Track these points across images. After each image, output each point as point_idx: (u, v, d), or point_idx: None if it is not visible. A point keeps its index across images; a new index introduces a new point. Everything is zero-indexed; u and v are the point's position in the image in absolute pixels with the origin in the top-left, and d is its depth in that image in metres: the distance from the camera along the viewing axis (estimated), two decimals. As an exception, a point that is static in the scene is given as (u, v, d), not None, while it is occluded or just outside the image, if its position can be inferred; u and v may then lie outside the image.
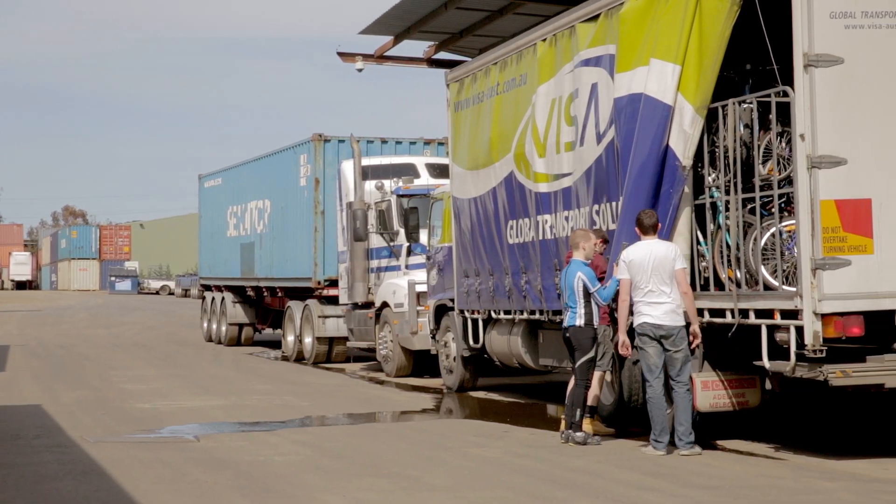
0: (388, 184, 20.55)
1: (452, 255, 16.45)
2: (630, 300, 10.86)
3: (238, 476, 9.96)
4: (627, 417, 12.30)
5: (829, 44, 9.88)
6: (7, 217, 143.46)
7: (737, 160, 10.63)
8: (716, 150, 10.98)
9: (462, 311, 16.19)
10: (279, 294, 26.07)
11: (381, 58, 20.08)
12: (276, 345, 27.63)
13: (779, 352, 10.15)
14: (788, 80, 10.08)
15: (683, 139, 10.88)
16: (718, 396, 11.17)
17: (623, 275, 10.91)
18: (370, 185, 20.78)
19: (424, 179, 20.92)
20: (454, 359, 17.07)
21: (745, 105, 10.76)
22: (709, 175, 11.09)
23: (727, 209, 10.82)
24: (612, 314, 11.67)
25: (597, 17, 12.42)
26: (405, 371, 19.95)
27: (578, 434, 11.29)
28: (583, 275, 11.28)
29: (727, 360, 11.13)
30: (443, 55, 19.59)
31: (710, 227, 11.06)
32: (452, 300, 16.59)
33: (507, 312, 14.79)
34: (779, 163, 10.49)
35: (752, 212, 10.64)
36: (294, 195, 24.64)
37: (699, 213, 11.16)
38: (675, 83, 10.90)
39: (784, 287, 10.22)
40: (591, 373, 11.60)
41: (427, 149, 24.29)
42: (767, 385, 11.28)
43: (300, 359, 23.93)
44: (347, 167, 21.71)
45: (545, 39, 13.59)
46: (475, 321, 15.95)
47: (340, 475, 9.93)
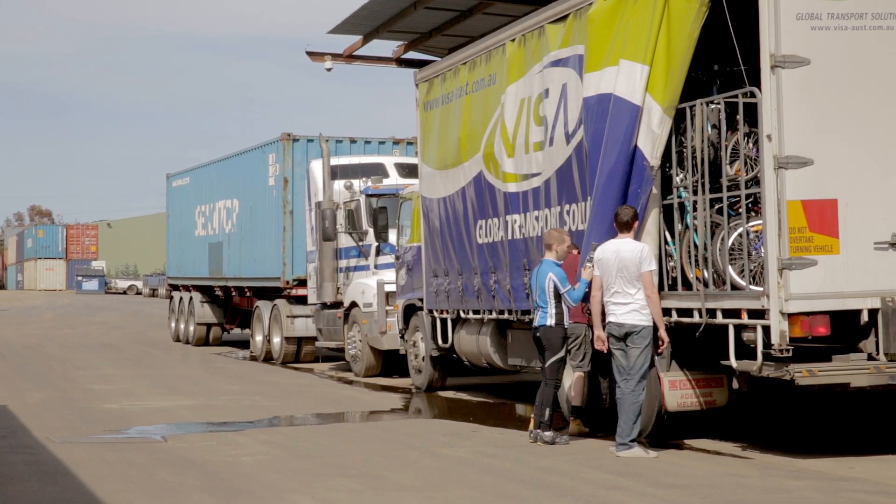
0: (357, 183, 20.53)
1: (421, 255, 16.45)
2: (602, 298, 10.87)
3: (206, 476, 9.92)
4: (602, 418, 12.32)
5: (796, 45, 9.94)
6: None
7: (704, 160, 10.68)
8: (684, 151, 11.02)
9: (431, 311, 16.19)
10: (247, 294, 25.99)
11: (350, 57, 20.06)
12: (245, 345, 27.54)
13: (746, 351, 10.20)
14: (756, 81, 10.14)
15: (652, 139, 10.91)
16: (686, 396, 11.21)
17: (595, 272, 10.96)
18: (339, 185, 20.74)
19: (393, 179, 20.91)
20: (423, 358, 17.07)
21: (713, 105, 10.81)
22: (677, 175, 11.13)
23: (695, 209, 10.86)
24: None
25: (566, 18, 12.45)
26: (374, 371, 19.93)
27: (547, 434, 11.31)
28: (554, 275, 11.30)
29: (695, 360, 11.18)
30: (412, 55, 19.58)
31: (678, 227, 11.10)
32: (421, 300, 16.59)
33: (476, 312, 14.80)
34: (746, 163, 10.55)
35: (720, 212, 10.69)
36: (263, 195, 24.58)
37: (667, 213, 11.20)
38: (644, 83, 10.94)
39: (751, 287, 10.27)
40: (561, 373, 11.62)
41: (396, 148, 24.28)
42: (735, 384, 11.34)
43: (269, 359, 23.86)
44: (316, 167, 21.67)
45: (514, 39, 13.61)
46: (444, 321, 15.95)
47: (309, 475, 9.91)
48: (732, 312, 10.31)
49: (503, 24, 14.63)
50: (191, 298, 28.96)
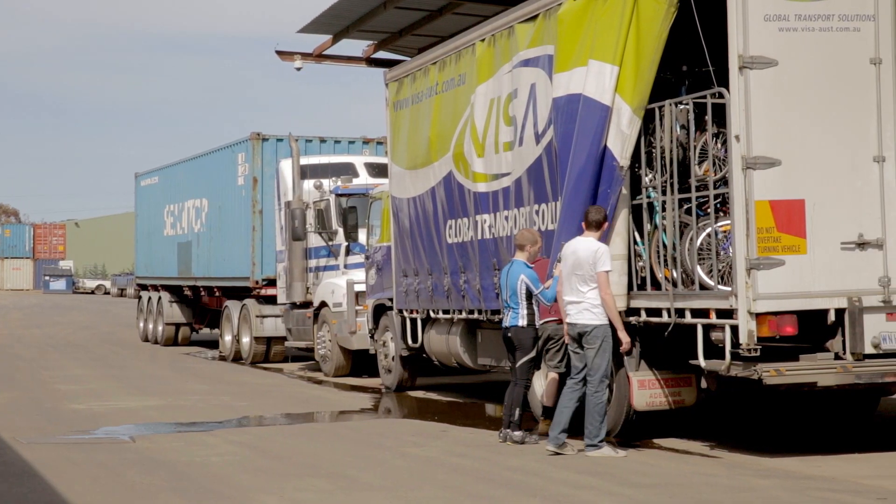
0: (327, 183, 20.49)
1: (391, 255, 16.44)
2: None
3: (174, 477, 9.88)
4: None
5: (764, 46, 9.99)
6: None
7: (673, 161, 10.72)
8: (653, 151, 11.06)
9: (401, 311, 16.18)
10: (217, 294, 25.90)
11: (320, 57, 20.04)
12: (214, 345, 27.44)
13: (714, 351, 10.25)
14: (724, 82, 10.18)
15: (621, 140, 10.94)
16: (655, 395, 11.25)
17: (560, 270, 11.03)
18: (309, 185, 20.71)
19: (363, 179, 20.90)
20: (393, 358, 17.06)
21: (682, 106, 10.85)
22: (646, 175, 11.17)
23: (664, 209, 10.90)
24: None
25: (535, 18, 12.47)
26: (344, 371, 19.90)
27: (516, 433, 11.33)
28: (525, 277, 11.31)
29: (664, 360, 11.22)
30: (382, 54, 19.58)
31: (647, 227, 11.14)
32: (391, 300, 16.58)
33: (446, 312, 14.80)
34: (714, 163, 10.60)
35: (689, 212, 10.73)
36: (232, 194, 24.50)
37: (636, 213, 11.23)
38: (613, 84, 10.96)
39: (719, 287, 10.32)
40: (532, 373, 11.64)
41: (366, 148, 24.26)
42: (703, 384, 11.40)
43: (238, 359, 23.79)
44: (286, 166, 21.62)
45: (484, 39, 13.62)
46: (414, 321, 15.94)
47: (278, 475, 9.88)
48: (701, 312, 10.35)
49: (473, 25, 14.64)
50: (159, 298, 28.83)
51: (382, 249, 17.35)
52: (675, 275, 10.72)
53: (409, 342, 16.11)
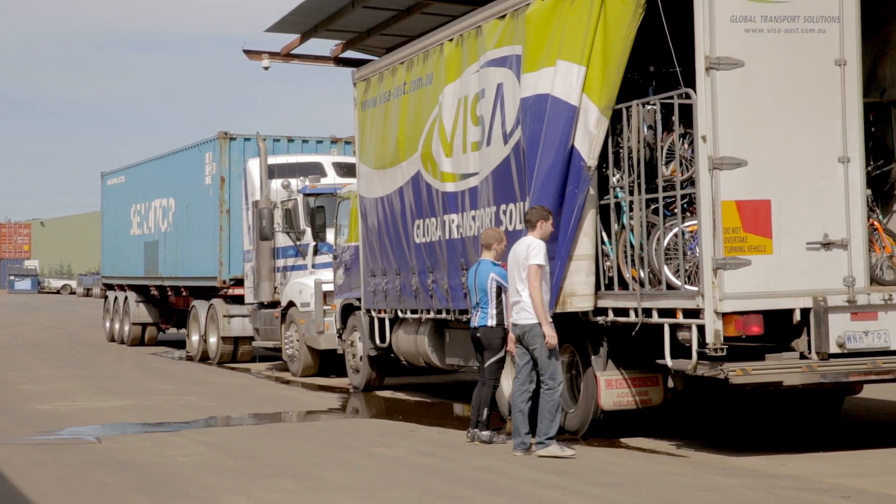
0: (295, 183, 20.45)
1: (359, 255, 16.42)
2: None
3: (141, 477, 9.83)
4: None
5: (730, 47, 10.05)
6: None
7: (640, 161, 10.76)
8: (620, 151, 11.10)
9: (369, 311, 16.16)
10: (184, 293, 25.79)
11: (288, 56, 19.97)
12: (181, 345, 27.33)
13: (681, 350, 10.30)
14: (691, 83, 10.23)
15: (589, 140, 10.97)
16: (622, 395, 11.30)
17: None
18: (276, 184, 20.67)
19: (331, 178, 20.87)
20: (361, 358, 17.04)
21: (649, 107, 10.89)
22: (613, 176, 11.21)
23: (631, 209, 10.95)
24: None
25: (503, 18, 12.48)
26: (311, 370, 19.87)
27: (484, 433, 11.34)
28: (496, 275, 11.32)
29: (631, 359, 11.27)
30: (350, 54, 19.54)
31: (615, 227, 11.18)
32: (359, 299, 16.56)
33: (414, 312, 14.80)
34: (681, 164, 10.65)
35: (656, 212, 10.78)
36: (199, 194, 24.41)
37: (604, 213, 11.27)
38: (581, 84, 10.99)
39: (686, 286, 10.36)
40: (500, 373, 11.66)
41: (334, 148, 24.23)
42: (670, 383, 11.45)
43: (205, 359, 23.70)
44: (253, 166, 21.56)
45: (452, 39, 13.62)
46: (382, 320, 15.93)
47: (245, 476, 9.85)
48: (668, 312, 10.40)
49: (441, 24, 14.64)
50: (126, 298, 28.69)
51: (350, 249, 17.33)
52: (643, 275, 10.77)
53: (377, 342, 16.10)
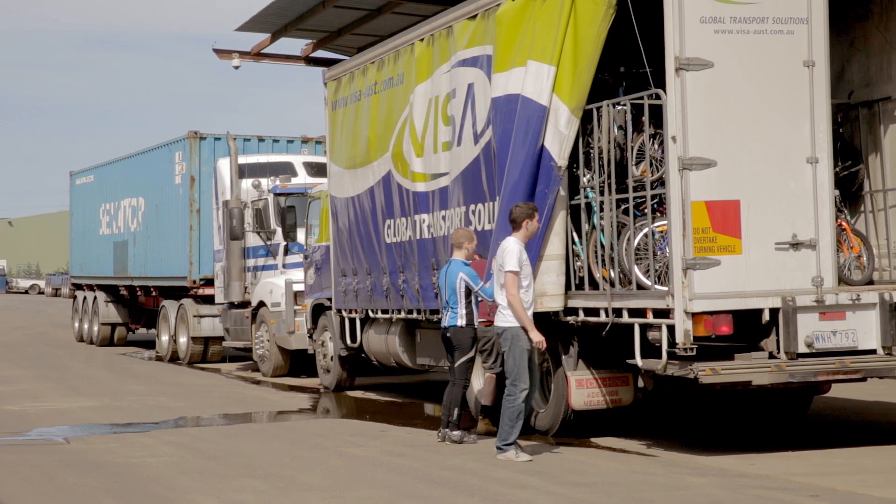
0: (266, 182, 20.40)
1: (330, 255, 16.39)
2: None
3: (109, 478, 9.78)
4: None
5: (700, 48, 10.09)
6: None
7: (611, 161, 10.79)
8: (590, 152, 11.13)
9: (340, 311, 16.14)
10: (153, 293, 25.68)
11: (259, 55, 19.93)
12: (150, 345, 27.20)
13: (651, 350, 10.33)
14: (661, 83, 10.27)
15: (559, 140, 10.99)
16: (592, 395, 11.33)
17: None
18: (247, 184, 20.61)
19: (302, 178, 20.83)
20: (331, 358, 17.01)
21: (619, 107, 10.93)
22: (584, 176, 11.24)
23: (601, 209, 10.98)
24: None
25: (474, 18, 12.49)
26: (282, 371, 19.82)
27: (455, 433, 11.34)
28: (465, 275, 11.34)
29: (601, 359, 11.30)
30: (321, 53, 19.52)
31: (585, 227, 11.21)
32: (330, 299, 16.53)
33: (385, 312, 14.79)
34: (651, 164, 10.69)
35: (626, 212, 10.81)
36: (169, 193, 24.31)
37: (574, 214, 11.30)
38: (551, 84, 11.01)
39: (656, 286, 10.40)
40: (470, 373, 11.67)
41: (305, 147, 24.19)
42: (640, 383, 11.48)
43: (175, 359, 23.60)
44: (224, 165, 21.49)
45: (423, 39, 13.62)
46: (353, 320, 15.91)
47: (215, 476, 9.82)
48: (638, 312, 10.43)
49: (412, 24, 14.64)
50: (95, 298, 28.54)
51: (321, 249, 17.30)
52: (613, 275, 10.80)
53: (348, 342, 16.08)
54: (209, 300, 22.65)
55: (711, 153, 10.09)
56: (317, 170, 20.93)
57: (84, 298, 29.56)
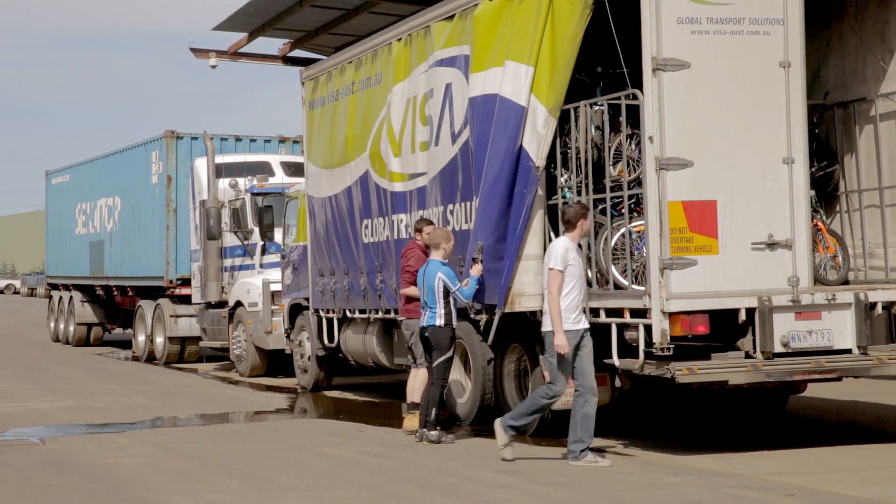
0: (243, 182, 20.35)
1: (307, 254, 16.36)
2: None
3: (86, 479, 9.74)
4: (482, 416, 12.41)
5: (677, 48, 10.12)
6: None
7: (588, 161, 10.81)
8: (568, 152, 11.15)
9: (317, 311, 16.11)
10: (130, 293, 25.59)
11: (236, 55, 19.91)
12: (127, 345, 27.09)
13: (628, 350, 10.35)
14: (638, 84, 10.29)
15: (537, 140, 11.00)
16: (570, 394, 11.31)
17: (479, 270, 11.11)
18: (224, 183, 20.55)
19: (279, 178, 20.80)
20: (309, 358, 16.99)
21: (597, 107, 10.95)
22: (561, 176, 11.25)
23: (579, 209, 10.97)
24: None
25: (452, 18, 12.49)
26: (259, 371, 19.78)
27: (432, 433, 11.34)
28: (443, 275, 11.34)
29: (578, 358, 11.29)
30: (298, 53, 19.50)
31: (563, 228, 11.20)
32: (307, 299, 16.50)
33: (363, 312, 14.77)
34: (629, 164, 10.71)
35: (603, 212, 10.83)
36: (145, 193, 24.23)
37: (552, 214, 11.31)
38: (529, 84, 11.02)
39: (633, 286, 10.43)
40: (448, 372, 11.67)
41: (282, 147, 24.15)
42: (617, 383, 11.50)
43: (151, 359, 23.52)
44: (201, 165, 21.42)
45: (400, 39, 13.61)
46: (330, 320, 15.89)
47: (192, 476, 9.79)
48: (615, 311, 10.45)
49: (390, 24, 14.64)
50: (71, 298, 28.43)
51: (298, 249, 17.27)
52: (590, 274, 10.81)
53: (326, 342, 16.05)
54: (186, 300, 22.58)
55: (688, 153, 10.12)
56: (294, 169, 20.90)
57: (60, 298, 29.43)
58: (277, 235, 19.21)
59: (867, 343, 10.51)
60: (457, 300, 11.43)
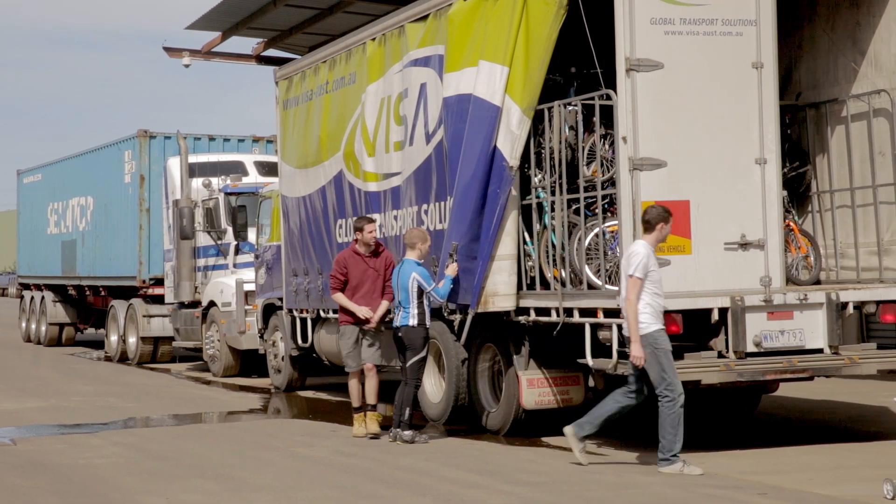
0: (216, 181, 20.29)
1: (281, 254, 16.33)
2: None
3: (57, 480, 9.69)
4: (455, 416, 12.41)
5: (650, 49, 10.15)
6: None
7: (562, 161, 10.83)
8: (542, 152, 11.16)
9: (291, 310, 16.08)
10: (102, 293, 25.47)
11: (209, 54, 19.84)
12: (99, 345, 26.96)
13: (602, 350, 10.38)
14: (612, 84, 10.32)
15: (511, 140, 11.01)
16: (544, 394, 11.37)
17: (454, 269, 11.12)
18: (197, 183, 20.48)
19: (253, 177, 20.74)
20: (282, 358, 16.95)
21: (570, 107, 10.96)
22: (535, 176, 11.27)
23: (553, 209, 11.01)
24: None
25: (426, 18, 12.49)
26: (232, 371, 19.72)
27: (406, 433, 11.34)
28: (417, 275, 11.34)
29: (552, 358, 11.34)
30: (272, 52, 19.44)
31: (537, 227, 11.24)
32: (281, 299, 16.47)
33: (336, 311, 14.73)
34: (602, 164, 10.74)
35: (577, 212, 10.85)
36: (118, 192, 24.12)
37: (526, 214, 11.32)
38: (503, 84, 11.03)
39: (607, 286, 10.45)
40: (422, 372, 11.68)
41: (256, 146, 24.09)
42: (591, 382, 11.53)
43: (124, 359, 23.41)
44: (174, 164, 21.35)
45: (375, 38, 13.60)
46: (304, 320, 15.85)
47: (164, 477, 9.75)
48: (589, 311, 10.47)
49: (364, 23, 14.61)
50: (43, 298, 28.26)
51: (272, 249, 17.23)
52: (564, 274, 10.83)
53: (299, 342, 16.02)
54: (159, 300, 22.49)
55: (661, 154, 10.15)
56: (268, 169, 20.84)
57: (31, 298, 29.27)
58: (251, 235, 19.17)
59: (839, 343, 10.57)
60: (432, 300, 11.44)
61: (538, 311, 11.07)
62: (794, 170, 11.78)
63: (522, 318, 11.21)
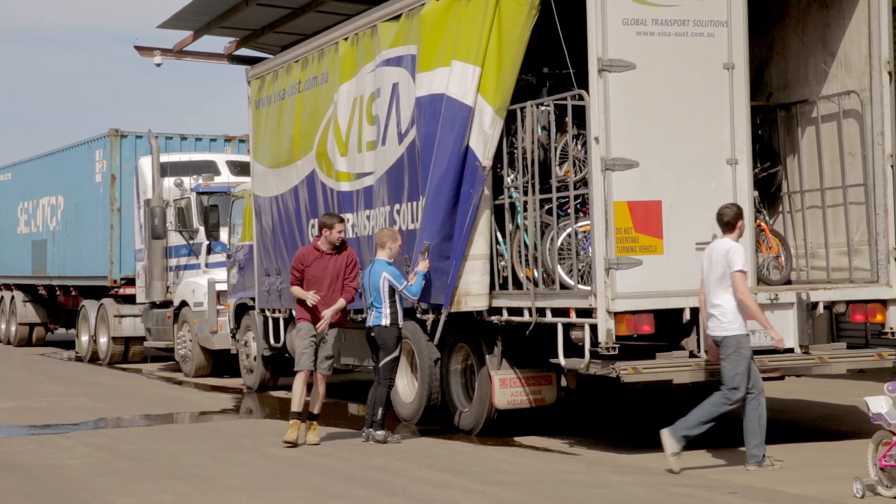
0: (188, 181, 20.22)
1: (253, 254, 16.29)
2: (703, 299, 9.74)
3: (27, 481, 9.63)
4: (427, 416, 12.42)
5: (622, 50, 10.17)
6: None
7: (534, 162, 10.85)
8: (514, 152, 11.18)
9: (263, 310, 16.04)
10: (73, 293, 25.35)
11: (181, 53, 19.78)
12: (70, 345, 26.82)
13: (574, 349, 10.39)
14: (584, 85, 10.34)
15: (483, 140, 11.02)
16: (516, 394, 11.38)
17: (426, 266, 11.16)
18: (169, 183, 20.40)
19: (225, 177, 20.68)
20: (254, 358, 16.91)
21: (543, 108, 10.98)
22: (508, 176, 11.28)
23: (525, 209, 11.02)
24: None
25: (398, 18, 12.48)
26: (204, 371, 19.66)
27: (379, 433, 11.33)
28: (388, 274, 11.33)
29: (525, 358, 11.35)
30: (244, 51, 19.41)
31: (509, 227, 11.25)
32: (253, 299, 16.43)
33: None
34: (575, 165, 10.76)
35: (550, 212, 10.87)
36: (89, 191, 24.00)
37: (498, 213, 11.33)
38: (476, 84, 11.03)
39: (579, 286, 10.47)
40: (395, 372, 11.66)
41: (228, 146, 24.03)
42: (563, 382, 11.56)
43: (95, 359, 23.30)
44: (145, 163, 21.27)
45: (347, 38, 13.58)
46: (276, 320, 15.82)
47: (135, 478, 9.71)
48: (561, 311, 10.49)
49: (337, 23, 14.60)
50: (13, 297, 28.12)
51: (244, 248, 17.18)
52: (537, 274, 10.85)
53: (272, 342, 15.99)
54: (130, 300, 22.40)
55: (634, 154, 10.18)
56: (240, 168, 20.79)
57: (1, 298, 29.10)
58: (223, 235, 19.12)
59: (809, 342, 10.64)
60: (404, 299, 11.43)
61: (511, 311, 11.09)
62: (765, 170, 11.84)
63: (495, 318, 11.22)
